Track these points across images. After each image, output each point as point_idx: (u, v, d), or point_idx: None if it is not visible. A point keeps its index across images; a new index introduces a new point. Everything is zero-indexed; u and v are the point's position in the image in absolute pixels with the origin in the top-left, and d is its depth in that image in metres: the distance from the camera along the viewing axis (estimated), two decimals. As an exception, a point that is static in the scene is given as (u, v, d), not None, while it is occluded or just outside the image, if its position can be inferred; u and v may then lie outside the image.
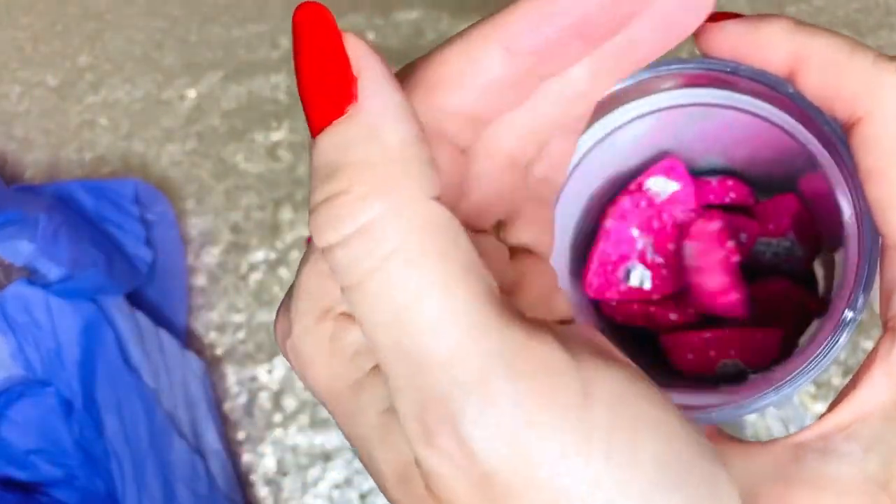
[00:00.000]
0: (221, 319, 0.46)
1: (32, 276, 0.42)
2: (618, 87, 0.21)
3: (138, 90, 0.51)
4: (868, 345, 0.43)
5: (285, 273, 0.47)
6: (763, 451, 0.17)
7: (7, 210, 0.39)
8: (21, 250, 0.41)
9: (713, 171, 0.30)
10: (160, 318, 0.43)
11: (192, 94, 0.51)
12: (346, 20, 0.52)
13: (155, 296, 0.44)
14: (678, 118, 0.26)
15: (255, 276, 0.47)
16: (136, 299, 0.43)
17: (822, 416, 0.18)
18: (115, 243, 0.43)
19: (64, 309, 0.40)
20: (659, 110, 0.25)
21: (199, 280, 0.47)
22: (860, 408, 0.17)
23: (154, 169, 0.49)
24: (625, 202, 0.28)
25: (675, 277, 0.28)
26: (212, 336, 0.46)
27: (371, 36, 0.51)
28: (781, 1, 0.52)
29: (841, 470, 0.16)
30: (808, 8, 0.52)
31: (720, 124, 0.26)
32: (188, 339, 0.46)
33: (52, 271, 0.40)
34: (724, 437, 0.18)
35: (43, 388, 0.42)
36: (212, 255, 0.47)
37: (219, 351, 0.46)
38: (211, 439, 0.43)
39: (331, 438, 0.44)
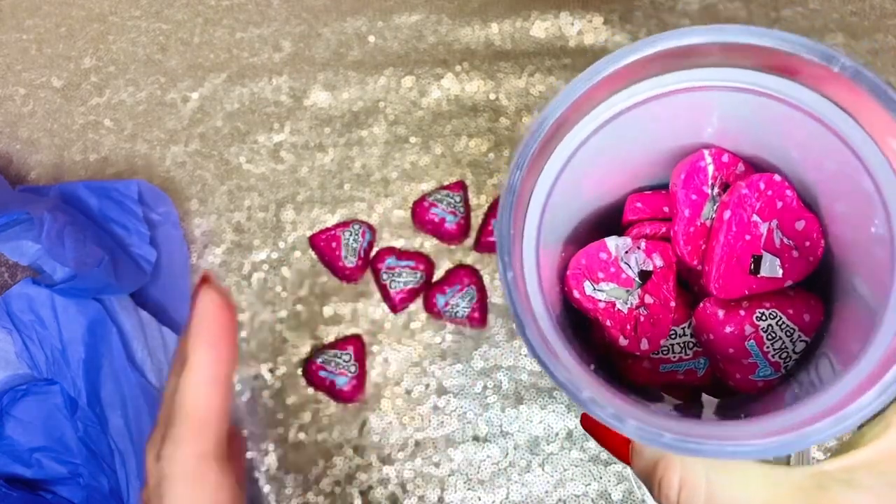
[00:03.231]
0: (224, 318, 0.46)
1: (38, 276, 0.42)
2: (651, 50, 0.20)
3: (142, 92, 0.51)
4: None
5: (287, 272, 0.47)
6: (788, 474, 0.19)
7: (12, 211, 0.39)
8: (26, 250, 0.41)
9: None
10: (164, 317, 0.43)
11: (195, 96, 0.51)
12: (348, 24, 0.52)
13: (159, 295, 0.44)
14: (722, 102, 0.23)
15: (258, 276, 0.47)
16: (140, 298, 0.43)
17: (839, 452, 0.20)
18: (119, 243, 0.43)
19: (69, 308, 0.41)
20: (698, 89, 0.23)
21: (191, 277, 0.47)
22: (889, 448, 0.19)
23: (158, 170, 0.49)
24: (741, 189, 0.25)
25: (807, 260, 0.26)
26: (215, 335, 0.46)
27: (372, 39, 0.52)
28: (777, 4, 0.53)
29: (863, 500, 0.18)
30: (804, 10, 0.52)
31: (771, 118, 0.23)
32: (191, 338, 0.46)
33: (57, 271, 0.40)
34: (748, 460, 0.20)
35: (48, 387, 0.42)
36: (215, 255, 0.48)
37: (222, 350, 0.46)
38: (214, 437, 0.43)
39: (332, 435, 0.44)
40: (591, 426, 0.26)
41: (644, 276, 0.27)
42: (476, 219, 0.47)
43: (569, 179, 0.25)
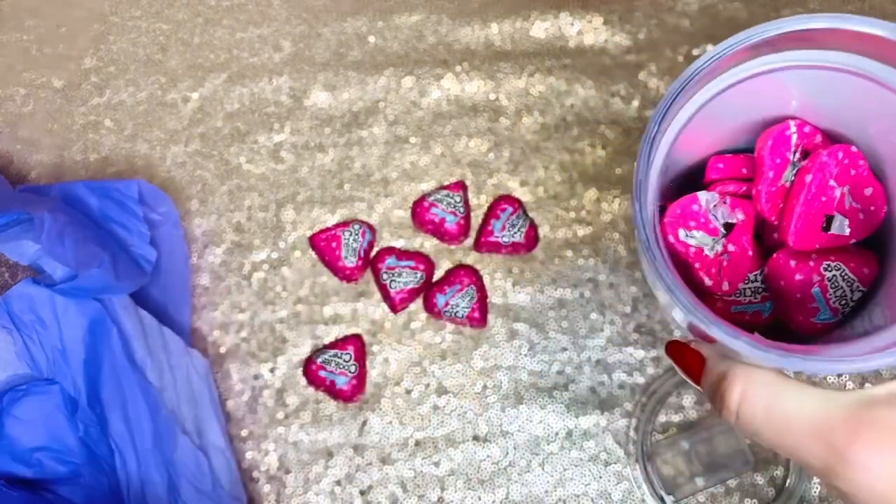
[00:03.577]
0: (225, 318, 0.46)
1: (38, 276, 0.42)
2: (755, 38, 0.24)
3: (142, 92, 0.51)
4: None
5: (288, 272, 0.47)
6: (840, 395, 0.23)
7: (12, 210, 0.39)
8: (26, 250, 0.41)
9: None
10: (164, 317, 0.43)
11: (195, 96, 0.51)
12: (348, 24, 0.52)
13: (159, 295, 0.44)
14: (810, 79, 0.27)
15: (258, 276, 0.47)
16: (140, 298, 0.43)
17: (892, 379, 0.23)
18: (119, 243, 0.43)
19: (69, 308, 0.41)
20: (792, 67, 0.27)
21: (203, 279, 0.47)
22: None
23: (158, 170, 0.49)
24: (823, 156, 0.29)
25: (870, 222, 0.30)
26: (215, 334, 0.46)
27: (372, 39, 0.52)
28: (777, 4, 0.53)
29: None
30: (803, 11, 0.52)
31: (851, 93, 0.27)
32: (192, 338, 0.46)
33: (58, 271, 0.40)
34: (804, 380, 0.24)
35: (48, 387, 0.42)
36: (215, 255, 0.48)
37: (222, 349, 0.46)
38: (214, 436, 0.43)
39: (332, 435, 0.44)
40: (675, 353, 0.29)
41: (728, 227, 0.31)
42: (476, 219, 0.47)
43: (681, 142, 0.29)
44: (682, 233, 0.31)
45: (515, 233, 0.46)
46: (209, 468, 0.41)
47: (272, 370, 0.46)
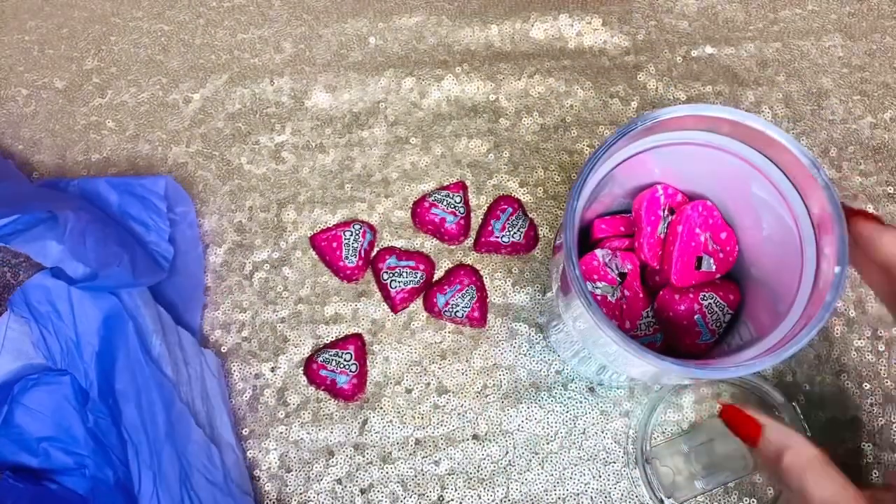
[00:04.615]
0: (226, 317, 0.47)
1: (56, 271, 0.42)
2: (637, 127, 0.30)
3: (144, 93, 0.51)
4: (860, 343, 0.44)
5: (289, 272, 0.47)
6: (855, 487, 0.28)
7: (35, 209, 0.39)
8: (50, 252, 0.40)
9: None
10: (175, 316, 0.43)
11: (196, 96, 0.51)
12: (348, 25, 0.52)
13: (173, 294, 0.44)
14: (672, 153, 0.34)
15: (260, 276, 0.47)
16: (154, 297, 0.44)
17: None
18: (137, 239, 0.43)
19: (85, 300, 0.41)
20: (666, 145, 0.33)
21: (205, 279, 0.47)
22: None
23: (160, 170, 0.49)
24: (688, 210, 0.35)
25: (728, 260, 0.36)
26: (217, 334, 0.46)
27: (373, 40, 0.52)
28: (776, 5, 0.53)
29: None
30: (802, 12, 0.53)
31: (701, 160, 0.33)
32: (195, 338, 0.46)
33: (78, 270, 0.40)
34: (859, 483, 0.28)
35: (59, 377, 0.42)
36: (217, 255, 0.48)
37: (224, 348, 0.46)
38: (225, 433, 0.44)
39: (333, 434, 0.44)
40: (731, 417, 0.32)
41: (622, 276, 0.37)
42: (476, 219, 0.48)
43: (585, 208, 0.34)
44: (589, 285, 0.36)
45: (515, 233, 0.46)
46: (220, 461, 0.42)
47: (273, 369, 0.46)
